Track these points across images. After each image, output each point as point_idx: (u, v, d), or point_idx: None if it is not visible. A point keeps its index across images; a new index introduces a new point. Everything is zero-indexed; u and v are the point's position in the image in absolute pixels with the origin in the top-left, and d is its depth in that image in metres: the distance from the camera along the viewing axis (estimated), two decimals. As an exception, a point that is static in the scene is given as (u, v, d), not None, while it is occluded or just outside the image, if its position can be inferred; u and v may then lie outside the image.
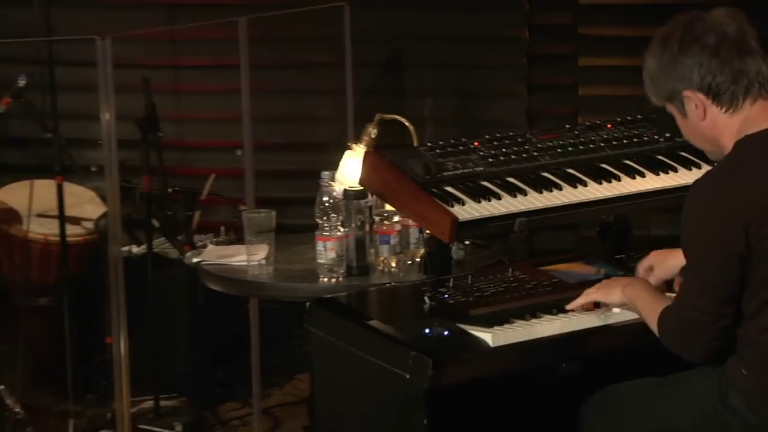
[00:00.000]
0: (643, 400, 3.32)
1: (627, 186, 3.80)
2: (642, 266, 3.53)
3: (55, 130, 4.92)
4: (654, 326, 3.20)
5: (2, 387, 4.38)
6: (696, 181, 3.23)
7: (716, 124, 3.15)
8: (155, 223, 5.18)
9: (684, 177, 3.86)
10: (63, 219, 4.93)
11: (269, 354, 5.17)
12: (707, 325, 3.10)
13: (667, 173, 3.86)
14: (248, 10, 5.05)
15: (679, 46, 3.12)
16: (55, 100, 4.88)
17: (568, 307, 3.42)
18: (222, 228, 5.18)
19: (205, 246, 4.58)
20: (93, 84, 4.50)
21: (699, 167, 3.88)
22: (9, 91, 4.93)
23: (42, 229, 5.22)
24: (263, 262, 4.07)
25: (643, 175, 3.84)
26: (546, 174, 3.80)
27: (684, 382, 3.28)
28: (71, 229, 5.12)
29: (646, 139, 4.00)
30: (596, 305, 3.41)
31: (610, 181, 3.80)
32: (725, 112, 3.13)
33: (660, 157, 3.93)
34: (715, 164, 3.27)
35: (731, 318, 3.09)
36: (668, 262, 3.49)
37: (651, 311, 3.23)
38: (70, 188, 5.08)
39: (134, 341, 4.61)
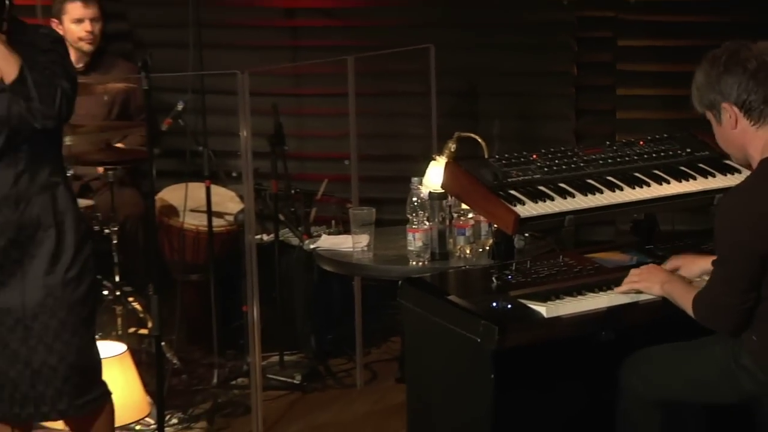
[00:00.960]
0: (670, 360, 3.29)
1: (655, 191, 3.75)
2: (670, 265, 3.46)
3: (205, 144, 4.96)
4: (689, 310, 3.18)
5: (164, 343, 4.43)
6: (726, 193, 3.24)
7: (745, 134, 3.11)
8: (281, 217, 5.18)
9: (701, 184, 3.81)
10: (210, 213, 4.96)
11: (369, 321, 5.16)
12: (733, 308, 3.08)
13: (688, 181, 3.80)
14: (355, 50, 5.04)
15: (725, 67, 3.08)
16: (205, 121, 4.92)
17: (617, 291, 3.38)
18: (333, 221, 5.26)
19: (319, 235, 4.60)
20: (234, 108, 4.51)
21: (714, 176, 3.82)
22: (170, 114, 4.94)
23: (194, 221, 5.23)
24: (365, 248, 4.05)
25: (668, 182, 3.78)
26: (590, 181, 3.75)
27: (703, 346, 3.24)
28: (216, 222, 5.13)
29: (671, 153, 3.94)
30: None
31: (641, 187, 3.75)
32: (753, 125, 3.09)
33: (682, 168, 3.87)
34: (743, 179, 3.24)
35: (753, 301, 3.07)
36: (693, 266, 3.43)
37: (686, 300, 3.20)
38: (215, 189, 5.11)
39: (264, 309, 4.60)
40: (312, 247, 4.29)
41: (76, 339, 3.40)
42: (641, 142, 3.99)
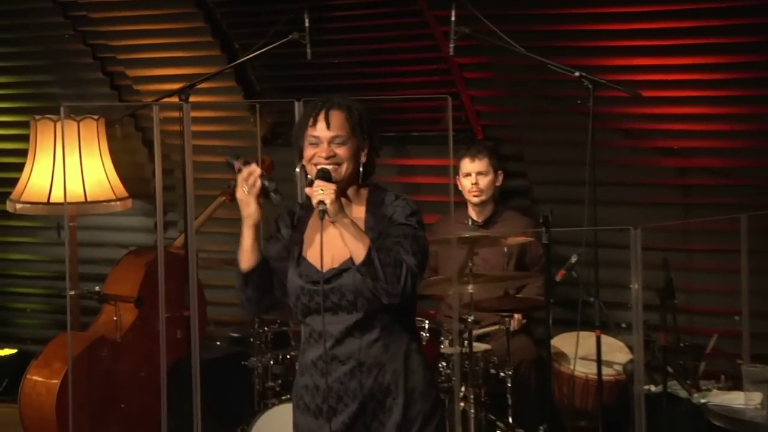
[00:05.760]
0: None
1: None
2: None
3: (596, 295, 4.47)
4: None
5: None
6: None
7: None
8: (669, 369, 4.55)
9: None
10: (600, 362, 4.46)
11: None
12: None
13: None
14: (747, 208, 4.42)
15: None
16: (597, 273, 4.47)
17: None
18: (722, 376, 4.50)
19: (709, 390, 4.11)
20: (625, 262, 4.02)
21: None
22: (565, 266, 4.61)
23: (584, 369, 4.77)
24: (758, 406, 3.55)
25: None
26: None
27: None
28: (606, 371, 4.63)
29: None
30: None
31: None
32: None
33: None
34: None
35: None
36: None
37: None
38: (605, 339, 4.61)
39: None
40: (702, 401, 3.91)
41: None
42: None
